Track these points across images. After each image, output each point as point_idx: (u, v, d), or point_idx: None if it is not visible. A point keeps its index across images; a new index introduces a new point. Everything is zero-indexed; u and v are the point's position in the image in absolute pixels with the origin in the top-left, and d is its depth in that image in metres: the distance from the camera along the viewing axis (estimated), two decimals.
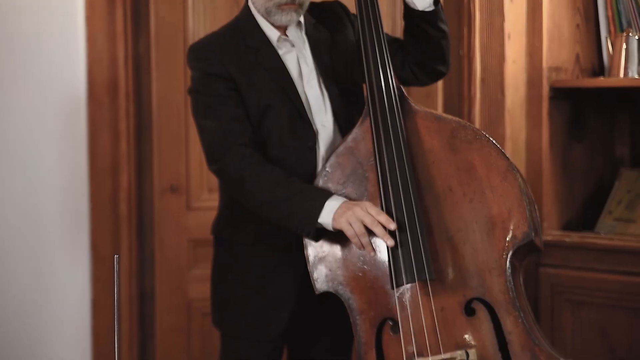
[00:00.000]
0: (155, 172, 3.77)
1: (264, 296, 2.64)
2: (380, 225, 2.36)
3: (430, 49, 2.64)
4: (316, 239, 2.45)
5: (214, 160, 2.56)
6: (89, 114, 3.68)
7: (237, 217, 2.65)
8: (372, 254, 2.43)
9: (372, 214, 2.36)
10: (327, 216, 2.40)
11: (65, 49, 3.65)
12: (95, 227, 3.71)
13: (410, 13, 2.61)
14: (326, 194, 2.44)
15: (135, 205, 3.78)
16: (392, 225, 2.36)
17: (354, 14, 2.71)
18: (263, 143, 2.57)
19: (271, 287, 2.63)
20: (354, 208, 2.38)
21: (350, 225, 2.37)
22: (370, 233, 2.38)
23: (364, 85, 2.54)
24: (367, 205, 2.39)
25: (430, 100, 3.47)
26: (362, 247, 2.40)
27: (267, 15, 2.58)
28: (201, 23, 3.70)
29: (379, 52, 2.50)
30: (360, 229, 2.37)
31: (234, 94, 2.54)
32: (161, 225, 3.78)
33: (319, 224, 2.42)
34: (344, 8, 2.76)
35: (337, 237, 2.46)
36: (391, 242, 2.36)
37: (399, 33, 2.73)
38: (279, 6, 2.55)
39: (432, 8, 2.59)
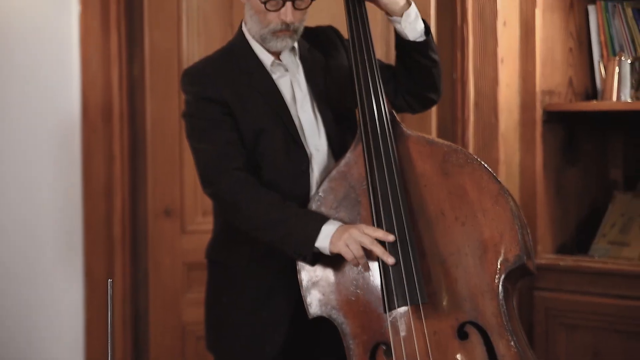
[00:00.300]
0: (149, 195, 3.76)
1: (258, 319, 2.63)
2: (378, 244, 2.36)
3: (421, 77, 2.66)
4: (312, 263, 2.45)
5: (209, 183, 2.56)
6: (83, 137, 3.68)
7: (232, 240, 2.65)
8: (369, 276, 2.42)
9: (369, 233, 2.37)
10: (324, 240, 2.41)
11: (60, 73, 3.66)
12: (89, 250, 3.70)
13: (402, 43, 2.63)
14: (322, 218, 2.44)
15: (129, 228, 3.77)
16: (391, 237, 2.37)
17: (347, 39, 2.72)
18: (257, 167, 2.57)
19: (265, 310, 2.62)
20: (350, 230, 2.38)
21: (348, 247, 2.37)
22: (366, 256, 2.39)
23: (357, 110, 2.55)
24: (362, 226, 2.39)
25: (424, 124, 3.47)
26: (364, 269, 2.41)
27: (261, 42, 2.59)
28: (195, 47, 3.70)
29: (370, 76, 2.52)
30: (358, 251, 2.37)
31: (228, 118, 2.55)
32: (155, 248, 3.77)
33: (316, 248, 2.42)
34: (337, 33, 2.78)
35: (330, 261, 2.46)
36: (392, 260, 2.36)
37: (392, 57, 2.74)
38: (274, 33, 2.56)
39: (423, 38, 2.61)
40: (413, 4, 2.60)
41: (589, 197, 3.69)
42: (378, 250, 2.36)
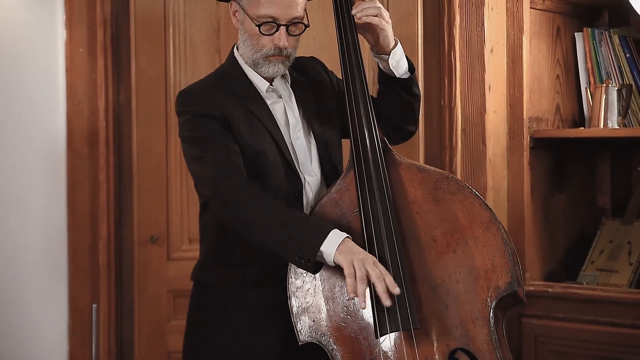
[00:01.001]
0: (135, 222, 3.74)
1: (248, 345, 2.60)
2: (383, 282, 2.34)
3: (403, 111, 2.70)
4: (315, 270, 2.42)
5: (211, 185, 2.53)
6: (69, 163, 3.66)
7: (223, 262, 2.63)
8: (362, 303, 2.40)
9: (380, 270, 2.34)
10: (330, 246, 2.37)
11: (45, 98, 3.65)
12: (74, 278, 3.68)
13: (385, 78, 2.66)
14: (330, 225, 2.42)
15: (115, 255, 3.75)
16: (397, 290, 2.34)
17: (331, 71, 2.79)
18: None
19: (256, 335, 2.59)
20: (364, 255, 2.35)
21: (353, 266, 2.34)
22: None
23: (349, 137, 2.56)
24: (375, 259, 2.37)
25: (412, 151, 3.47)
26: (354, 292, 2.35)
27: (254, 67, 2.60)
28: (182, 73, 3.70)
29: (362, 104, 2.54)
30: (362, 275, 2.33)
31: (228, 133, 2.55)
32: (141, 275, 3.74)
33: (320, 252, 2.38)
34: (321, 63, 2.81)
35: (320, 287, 2.44)
36: (388, 302, 2.34)
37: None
38: (267, 57, 2.56)
39: (407, 75, 2.65)
40: (399, 43, 2.63)
41: (577, 223, 3.69)
42: (380, 286, 2.33)
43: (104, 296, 3.71)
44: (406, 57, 2.66)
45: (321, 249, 2.37)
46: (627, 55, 3.46)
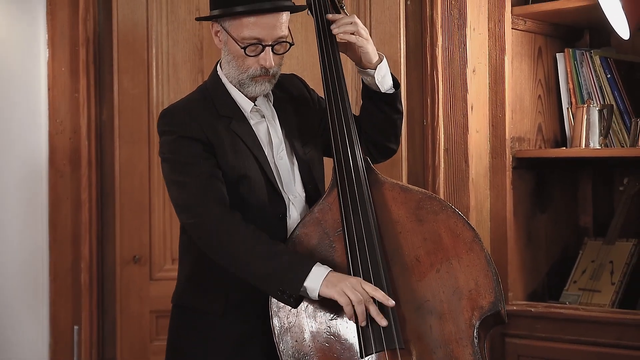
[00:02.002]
0: (117, 242, 3.72)
1: None
2: (374, 304, 2.34)
3: (386, 127, 2.70)
4: (296, 305, 2.40)
5: (192, 213, 2.49)
6: (50, 182, 3.65)
7: (205, 285, 2.59)
8: (344, 322, 2.39)
9: (367, 290, 2.34)
10: (314, 281, 2.36)
11: (27, 117, 3.63)
12: (55, 298, 3.65)
13: (370, 94, 2.66)
14: (313, 259, 2.41)
15: (97, 275, 3.73)
16: (391, 302, 2.34)
17: (312, 89, 2.78)
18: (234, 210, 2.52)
19: (239, 358, 2.57)
20: (349, 279, 2.35)
21: (345, 294, 2.33)
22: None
23: (332, 156, 2.54)
24: (361, 280, 2.36)
25: (395, 170, 3.47)
26: (352, 316, 2.35)
27: (239, 87, 2.58)
28: (165, 94, 3.69)
29: (345, 123, 2.53)
30: (358, 298, 2.33)
31: (211, 156, 2.52)
32: (123, 296, 3.72)
33: (303, 287, 2.37)
34: (302, 81, 2.80)
35: (303, 307, 2.42)
36: (384, 322, 2.34)
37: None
38: (253, 78, 2.55)
39: (392, 91, 2.65)
40: (385, 59, 2.63)
41: (560, 243, 3.70)
42: (373, 309, 2.33)
43: (85, 317, 3.69)
44: (391, 73, 2.65)
45: (305, 284, 2.36)
46: (608, 75, 3.46)
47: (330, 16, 2.60)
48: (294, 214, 2.58)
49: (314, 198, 2.58)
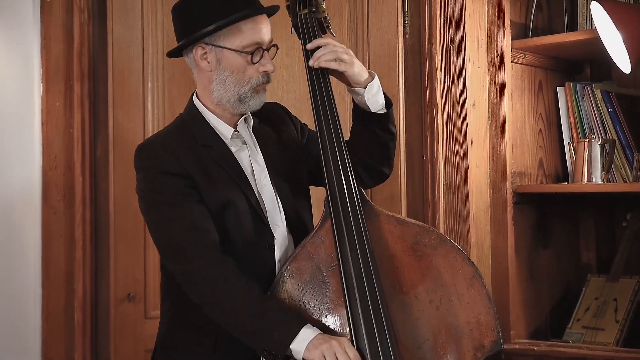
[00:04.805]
0: (112, 280, 3.65)
1: None
2: None
3: (378, 150, 2.62)
4: None
5: (180, 260, 2.40)
6: (43, 220, 3.61)
7: (193, 324, 2.49)
8: None
9: (350, 357, 2.27)
10: (300, 344, 2.30)
11: (20, 154, 3.60)
12: (48, 338, 3.60)
13: (361, 114, 2.58)
14: (301, 320, 2.33)
15: (91, 314, 3.67)
16: None
17: (295, 116, 2.73)
18: (222, 242, 2.44)
19: None
20: (331, 342, 2.29)
21: (325, 358, 2.27)
22: None
23: (325, 186, 2.47)
24: (346, 343, 2.30)
25: (394, 205, 3.42)
26: None
27: (239, 103, 2.50)
28: (160, 127, 3.63)
29: (338, 152, 2.46)
30: None
31: (193, 191, 2.43)
32: (117, 334, 3.66)
33: (289, 350, 2.30)
34: (283, 108, 2.74)
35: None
36: None
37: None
38: (255, 88, 2.49)
39: (384, 111, 2.57)
40: (376, 77, 2.57)
41: (562, 280, 3.65)
42: None
43: (79, 356, 3.63)
44: (383, 92, 2.58)
45: (291, 347, 2.30)
46: (610, 109, 3.44)
47: (309, 46, 2.54)
48: (278, 244, 2.50)
49: (297, 228, 2.52)
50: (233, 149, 2.53)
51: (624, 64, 3.21)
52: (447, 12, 3.34)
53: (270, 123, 2.65)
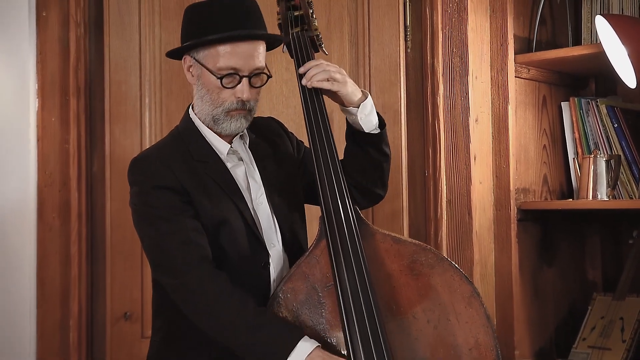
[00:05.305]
0: (108, 298, 3.61)
1: None
2: None
3: (371, 171, 2.59)
4: None
5: (174, 274, 2.37)
6: (38, 237, 3.58)
7: (186, 341, 2.45)
8: None
9: None
10: (298, 357, 2.26)
11: (15, 170, 3.57)
12: (43, 357, 3.56)
13: (354, 134, 2.55)
14: (299, 332, 2.29)
15: (86, 333, 3.62)
16: None
17: (291, 132, 2.70)
18: (216, 260, 2.41)
19: None
20: (332, 358, 2.25)
21: None
22: None
23: (320, 205, 2.43)
24: None
25: (396, 223, 3.38)
26: None
27: (214, 124, 2.48)
28: None
29: (333, 171, 2.42)
30: None
31: (188, 207, 2.41)
32: (114, 354, 3.60)
33: None
34: (279, 123, 2.72)
35: None
36: None
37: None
38: (228, 112, 2.45)
39: (377, 131, 2.54)
40: (369, 96, 2.53)
41: (568, 298, 3.60)
42: None
43: None
44: (377, 113, 2.55)
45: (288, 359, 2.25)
46: (615, 125, 3.40)
47: (300, 70, 2.50)
48: (275, 263, 2.47)
49: (292, 247, 2.49)
50: (229, 165, 2.50)
51: (630, 79, 3.18)
52: (450, 26, 3.31)
53: (267, 138, 2.63)
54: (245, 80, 2.42)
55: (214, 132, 2.50)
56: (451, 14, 3.31)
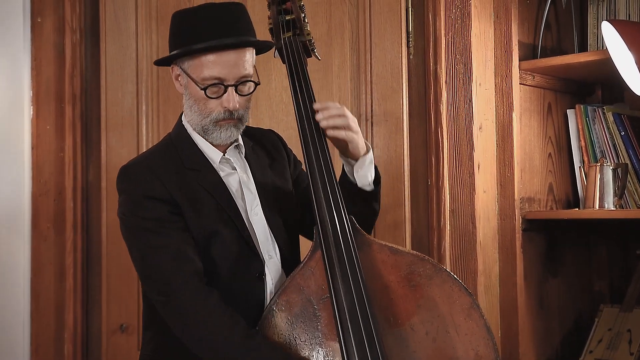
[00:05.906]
0: (103, 310, 3.60)
1: None
2: None
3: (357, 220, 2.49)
4: None
5: (161, 290, 2.33)
6: (33, 247, 3.57)
7: (178, 352, 2.38)
8: None
9: None
10: None
11: (9, 179, 3.56)
12: None
13: (346, 182, 2.50)
14: (290, 357, 2.26)
15: (82, 346, 3.62)
16: None
17: (289, 148, 2.66)
18: (208, 272, 2.36)
19: None
20: None
21: None
22: None
23: (314, 216, 2.37)
24: None
25: (398, 233, 3.34)
26: None
27: (204, 134, 2.44)
28: None
29: (328, 180, 2.37)
30: None
31: (178, 218, 2.36)
32: None
33: None
34: (278, 136, 2.68)
35: None
36: None
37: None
38: (217, 122, 2.41)
39: (371, 188, 2.49)
40: (371, 151, 2.49)
41: (574, 310, 3.55)
42: None
43: None
44: (375, 167, 2.50)
45: None
46: (622, 133, 3.35)
47: (316, 106, 2.43)
48: (269, 275, 2.41)
49: (289, 260, 2.44)
50: (221, 174, 2.46)
51: (637, 86, 3.13)
52: (453, 32, 3.27)
53: (265, 149, 2.60)
54: (231, 90, 2.37)
55: (207, 141, 2.46)
56: (454, 20, 3.28)
